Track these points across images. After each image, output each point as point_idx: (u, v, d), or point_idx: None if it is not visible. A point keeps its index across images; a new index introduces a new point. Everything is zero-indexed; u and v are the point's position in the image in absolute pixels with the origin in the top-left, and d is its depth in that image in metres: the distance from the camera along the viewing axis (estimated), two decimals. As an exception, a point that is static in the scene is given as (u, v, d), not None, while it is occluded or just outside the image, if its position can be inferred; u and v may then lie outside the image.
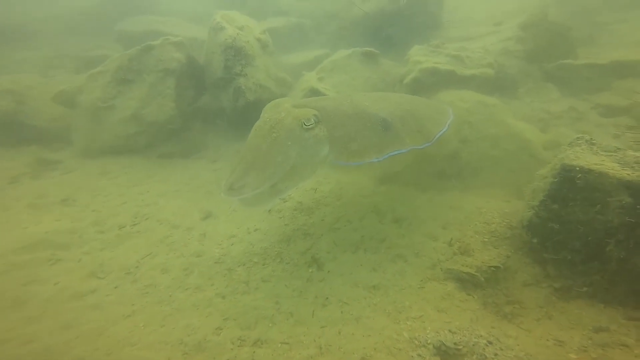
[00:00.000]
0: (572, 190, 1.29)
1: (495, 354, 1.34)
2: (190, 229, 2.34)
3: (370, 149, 1.71)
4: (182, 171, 2.99)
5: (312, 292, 1.81)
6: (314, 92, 3.06)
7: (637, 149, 2.15)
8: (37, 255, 2.11)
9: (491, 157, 2.22)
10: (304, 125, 1.64)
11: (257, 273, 1.94)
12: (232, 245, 2.16)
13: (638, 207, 1.17)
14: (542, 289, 1.58)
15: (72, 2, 7.56)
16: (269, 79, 3.26)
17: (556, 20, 4.13)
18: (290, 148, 1.62)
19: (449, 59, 2.93)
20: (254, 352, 1.54)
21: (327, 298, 1.77)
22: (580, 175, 1.25)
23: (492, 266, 1.69)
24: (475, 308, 1.60)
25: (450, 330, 1.49)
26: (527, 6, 5.09)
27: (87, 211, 2.52)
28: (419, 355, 1.41)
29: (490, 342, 1.40)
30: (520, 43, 3.71)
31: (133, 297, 1.85)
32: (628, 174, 1.19)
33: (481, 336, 1.44)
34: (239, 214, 2.42)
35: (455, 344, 1.43)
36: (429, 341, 1.47)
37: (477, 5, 5.64)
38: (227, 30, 3.10)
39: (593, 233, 1.29)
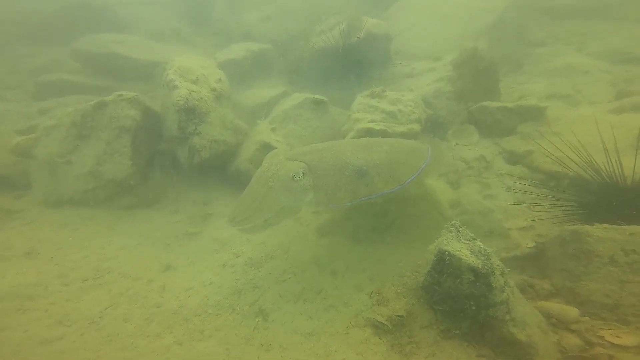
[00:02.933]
0: (445, 266, 1.93)
1: (389, 388, 1.90)
2: (150, 282, 2.76)
3: (346, 195, 2.32)
4: (142, 223, 3.40)
5: (257, 339, 2.30)
6: (266, 146, 3.57)
7: (523, 201, 2.82)
8: (5, 306, 2.46)
9: (411, 215, 2.83)
10: (293, 178, 2.27)
11: (211, 322, 2.40)
12: (189, 298, 2.60)
13: (477, 283, 1.79)
14: (432, 330, 2.16)
15: (29, 7, 7.49)
16: (224, 130, 3.72)
17: (487, 52, 4.83)
18: (282, 194, 2.23)
19: (383, 116, 3.54)
20: (205, 391, 2.00)
21: (270, 344, 2.26)
22: (448, 258, 1.89)
23: (398, 315, 2.27)
24: (384, 350, 2.15)
25: (362, 370, 2.04)
26: (467, 34, 5.88)
27: (50, 264, 2.88)
28: (336, 391, 1.95)
29: (387, 379, 1.96)
30: (450, 83, 4.39)
31: (98, 343, 2.24)
32: (473, 261, 1.84)
33: (382, 374, 1.99)
34: (195, 267, 2.88)
35: (363, 381, 1.98)
36: (345, 380, 2.01)
37: (424, 33, 6.25)
38: (180, 90, 3.46)
39: (458, 295, 1.93)
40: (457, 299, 1.92)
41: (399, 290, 2.41)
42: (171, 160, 3.80)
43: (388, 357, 2.10)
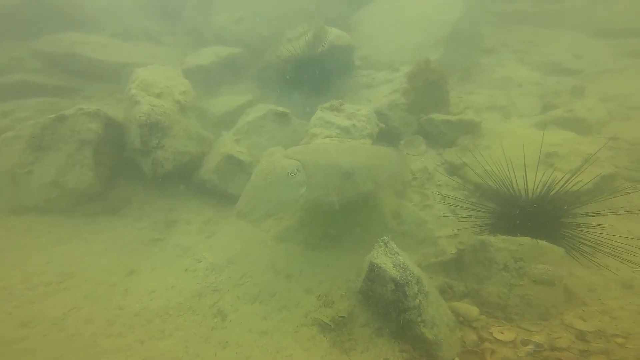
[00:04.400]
0: (374, 276, 2.30)
1: (326, 380, 2.18)
2: (113, 285, 2.91)
3: (333, 192, 2.64)
4: (106, 230, 3.51)
5: (215, 337, 2.51)
6: (230, 158, 3.74)
7: (453, 211, 3.16)
8: (-30, 311, 2.56)
9: (359, 224, 3.12)
10: (289, 174, 2.53)
11: (172, 323, 2.59)
12: (152, 300, 2.77)
13: (397, 291, 2.17)
14: (369, 328, 2.46)
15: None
16: (188, 141, 3.86)
17: (440, 63, 5.13)
18: (279, 189, 2.51)
19: (338, 132, 3.79)
20: (165, 385, 2.19)
21: (227, 342, 2.48)
22: (376, 269, 2.25)
23: (341, 316, 2.53)
24: (327, 346, 2.43)
25: (307, 364, 2.30)
26: (426, 43, 6.17)
27: (14, 270, 2.97)
28: (285, 383, 2.19)
29: (326, 372, 2.22)
30: (404, 96, 4.67)
31: (60, 343, 2.38)
32: (394, 273, 2.20)
33: (322, 367, 2.26)
34: (159, 271, 3.04)
35: (307, 373, 2.24)
36: (292, 373, 2.26)
37: (387, 41, 6.46)
38: (142, 105, 3.53)
39: (385, 300, 2.28)
40: (385, 303, 2.28)
41: (343, 293, 2.69)
42: (136, 168, 3.90)
43: (330, 352, 2.38)
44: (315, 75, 5.48)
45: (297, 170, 2.57)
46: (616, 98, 5.13)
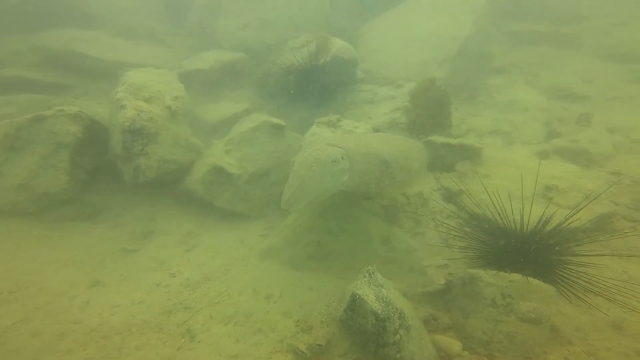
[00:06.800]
0: (356, 307, 2.19)
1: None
2: (73, 298, 2.72)
3: (373, 181, 2.76)
4: (78, 237, 3.35)
5: (180, 359, 2.35)
6: (218, 169, 3.65)
7: (445, 240, 3.08)
8: None
9: (346, 247, 3.02)
10: (334, 162, 2.59)
11: (133, 341, 2.40)
12: (113, 315, 2.58)
13: (377, 326, 2.08)
14: (347, 359, 2.28)
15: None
16: (176, 149, 3.74)
17: (445, 82, 5.01)
18: (324, 177, 2.56)
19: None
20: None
21: (191, 365, 2.35)
22: (358, 300, 2.16)
23: (318, 344, 2.43)
24: (302, 376, 2.29)
25: (277, 394, 2.17)
26: (432, 60, 6.13)
27: None
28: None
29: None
30: (405, 114, 4.57)
31: None
32: (375, 306, 2.11)
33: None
34: (127, 284, 2.88)
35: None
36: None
37: (393, 56, 6.35)
38: (127, 110, 3.43)
39: (365, 332, 2.16)
40: (364, 335, 2.14)
41: (323, 319, 2.53)
42: (119, 173, 3.75)
43: (304, 382, 2.25)
44: (316, 87, 5.41)
45: (342, 157, 2.62)
46: (623, 129, 4.90)
